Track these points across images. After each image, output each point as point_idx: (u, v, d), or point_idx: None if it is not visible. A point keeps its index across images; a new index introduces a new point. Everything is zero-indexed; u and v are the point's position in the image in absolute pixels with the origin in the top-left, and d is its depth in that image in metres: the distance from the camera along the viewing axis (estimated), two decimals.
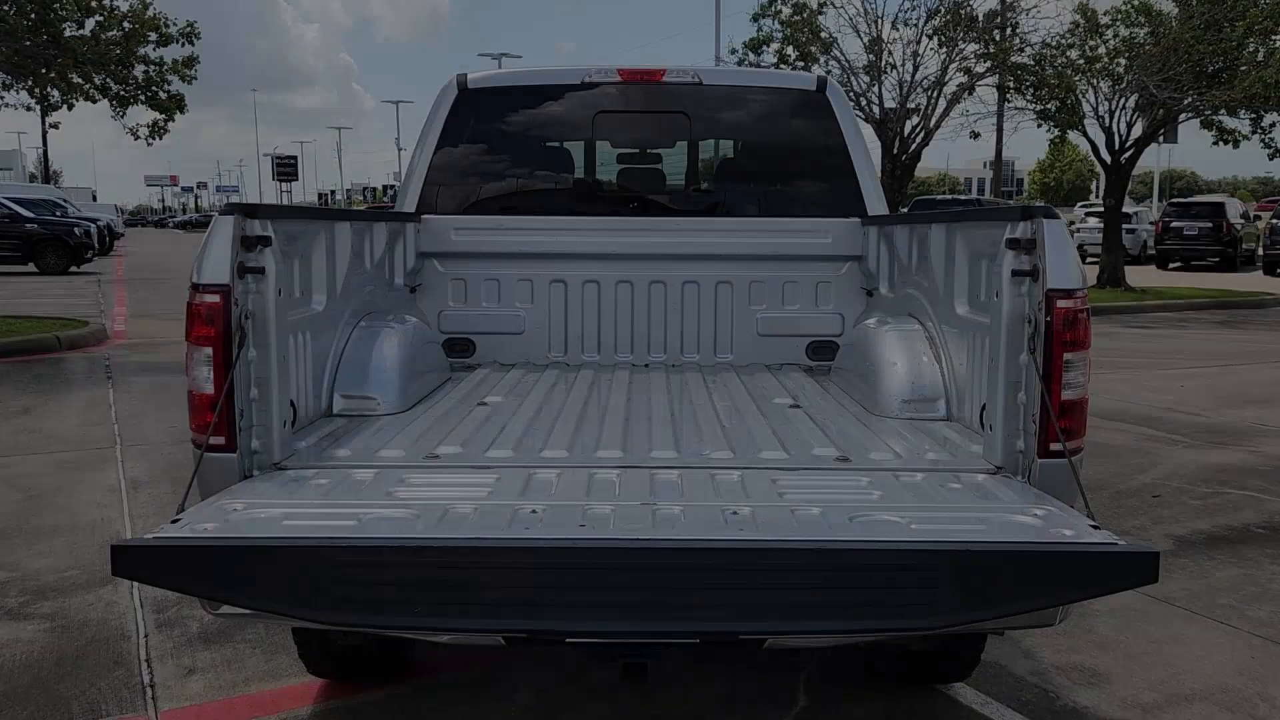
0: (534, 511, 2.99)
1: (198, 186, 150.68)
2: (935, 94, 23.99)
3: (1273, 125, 25.45)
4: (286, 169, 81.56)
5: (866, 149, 6.21)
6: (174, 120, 16.65)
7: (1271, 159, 27.45)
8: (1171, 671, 4.92)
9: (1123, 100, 25.01)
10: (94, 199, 73.10)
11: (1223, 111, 25.58)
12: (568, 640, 2.91)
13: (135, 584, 5.88)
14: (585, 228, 6.05)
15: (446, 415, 4.48)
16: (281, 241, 3.88)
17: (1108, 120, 26.14)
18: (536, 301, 6.12)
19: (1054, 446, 3.36)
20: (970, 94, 24.61)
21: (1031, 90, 24.94)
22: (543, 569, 2.61)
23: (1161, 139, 31.16)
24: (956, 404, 4.38)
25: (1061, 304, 3.34)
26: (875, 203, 6.07)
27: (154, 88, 16.14)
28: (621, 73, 6.04)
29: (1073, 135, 27.76)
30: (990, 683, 4.71)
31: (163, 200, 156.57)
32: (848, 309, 6.10)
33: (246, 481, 3.39)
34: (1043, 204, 3.83)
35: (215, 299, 3.38)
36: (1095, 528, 2.87)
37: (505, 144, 6.23)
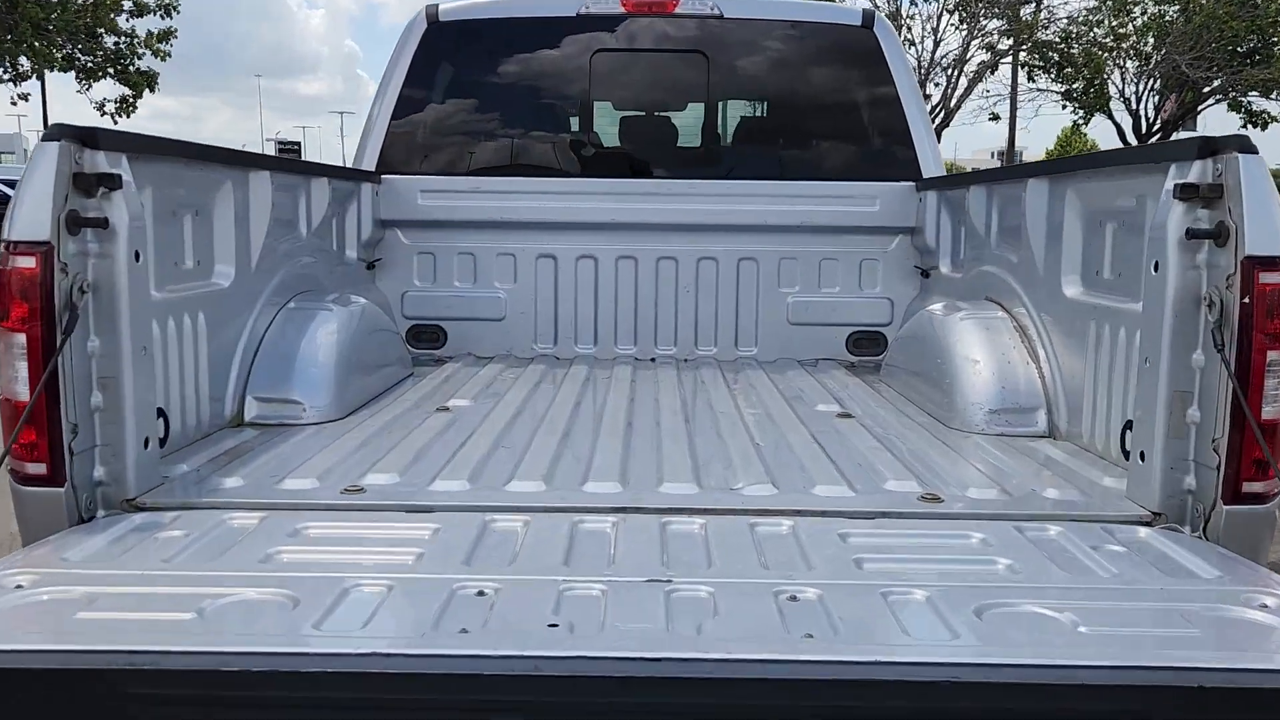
0: (481, 594, 1.94)
1: None
2: (956, 73, 22.86)
3: None
4: (290, 155, 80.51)
5: (921, 99, 5.13)
6: (141, 97, 15.54)
7: None
8: None
9: (1151, 81, 23.88)
10: None
11: (1253, 93, 24.41)
12: None
13: None
14: (580, 191, 4.98)
15: (391, 426, 3.42)
16: (154, 188, 2.82)
17: (1134, 103, 25.00)
18: (520, 281, 5.06)
19: (1251, 487, 2.30)
20: (992, 73, 23.49)
21: (1057, 69, 23.79)
22: (481, 711, 1.57)
23: (1181, 127, 30.03)
24: (1063, 416, 3.32)
25: (1266, 278, 2.28)
26: (932, 163, 4.99)
27: (124, 61, 15.04)
28: (625, 3, 4.95)
29: (1092, 122, 26.59)
30: None
31: None
32: (898, 292, 5.03)
33: (73, 531, 2.34)
34: (1236, 134, 2.87)
35: (30, 263, 2.33)
36: None
37: (484, 89, 5.16)
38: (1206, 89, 24.62)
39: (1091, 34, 23.30)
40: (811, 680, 1.59)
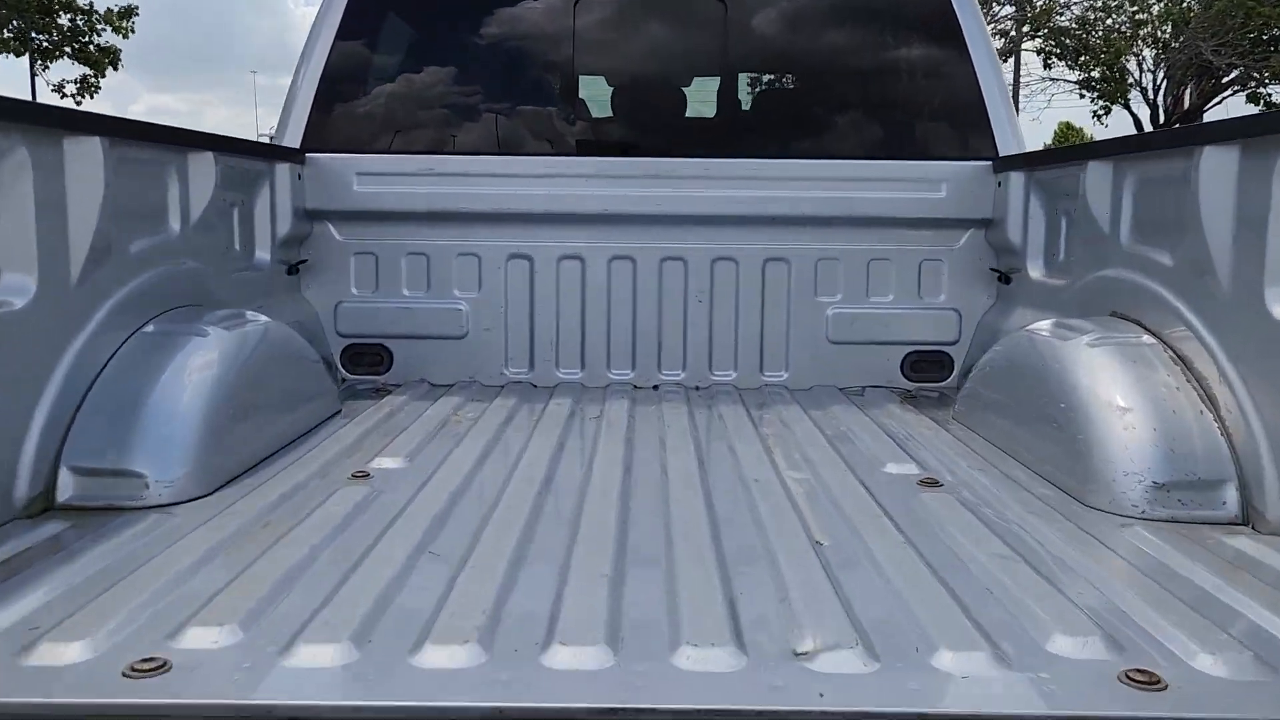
0: None
1: None
2: None
3: None
4: None
5: (996, 58, 4.03)
6: (104, 76, 14.39)
7: None
8: None
9: (1170, 70, 22.83)
10: None
11: (1276, 83, 23.40)
12: None
13: None
14: (562, 174, 3.89)
15: (272, 512, 2.33)
16: None
17: (1152, 93, 23.97)
18: (487, 288, 3.97)
19: None
20: (1006, 61, 22.38)
21: (1074, 56, 22.71)
22: None
23: (1201, 118, 28.97)
24: (1269, 494, 2.23)
25: None
26: (1010, 138, 3.90)
27: (81, 39, 13.89)
28: None
29: (1108, 118, 25.46)
30: None
31: None
32: (968, 303, 3.94)
33: None
34: None
35: None
36: None
37: (437, 45, 4.06)
38: (1226, 79, 23.63)
39: (1111, 19, 22.25)
40: None
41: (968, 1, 3.95)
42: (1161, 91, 24.21)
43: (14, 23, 13.97)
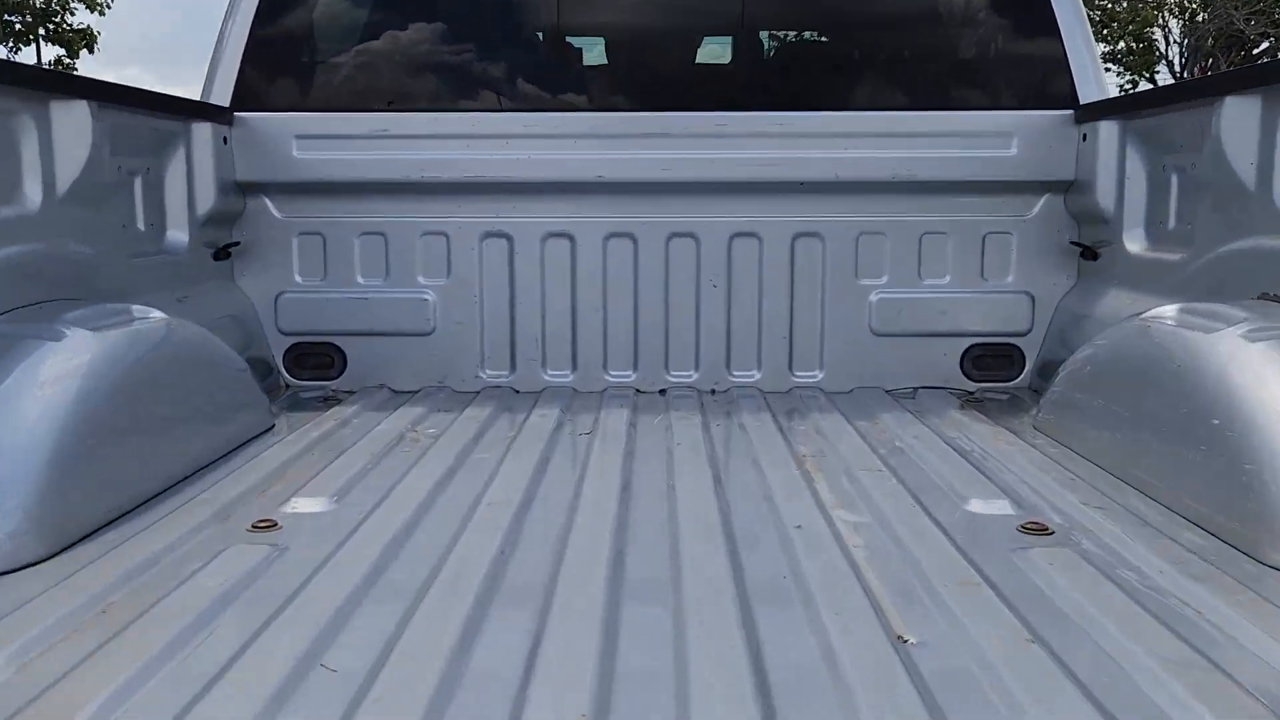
0: None
1: None
2: None
3: None
4: None
5: None
6: (78, 57, 13.72)
7: None
8: None
9: (1197, 42, 21.97)
10: None
11: None
12: None
13: None
14: (548, 133, 3.20)
15: (131, 585, 1.66)
16: None
17: (1179, 66, 23.11)
18: (457, 274, 3.29)
19: None
20: None
21: (1097, 29, 21.85)
22: None
23: None
24: None
25: None
26: (1093, 81, 3.19)
27: (55, 19, 13.22)
28: None
29: (1127, 92, 24.55)
30: None
31: None
32: (1044, 284, 3.25)
33: None
34: None
35: None
36: None
37: None
38: (1257, 50, 22.77)
39: None
40: None
41: None
42: (1189, 64, 23.39)
43: None
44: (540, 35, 3.46)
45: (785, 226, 3.25)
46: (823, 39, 3.71)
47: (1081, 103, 3.15)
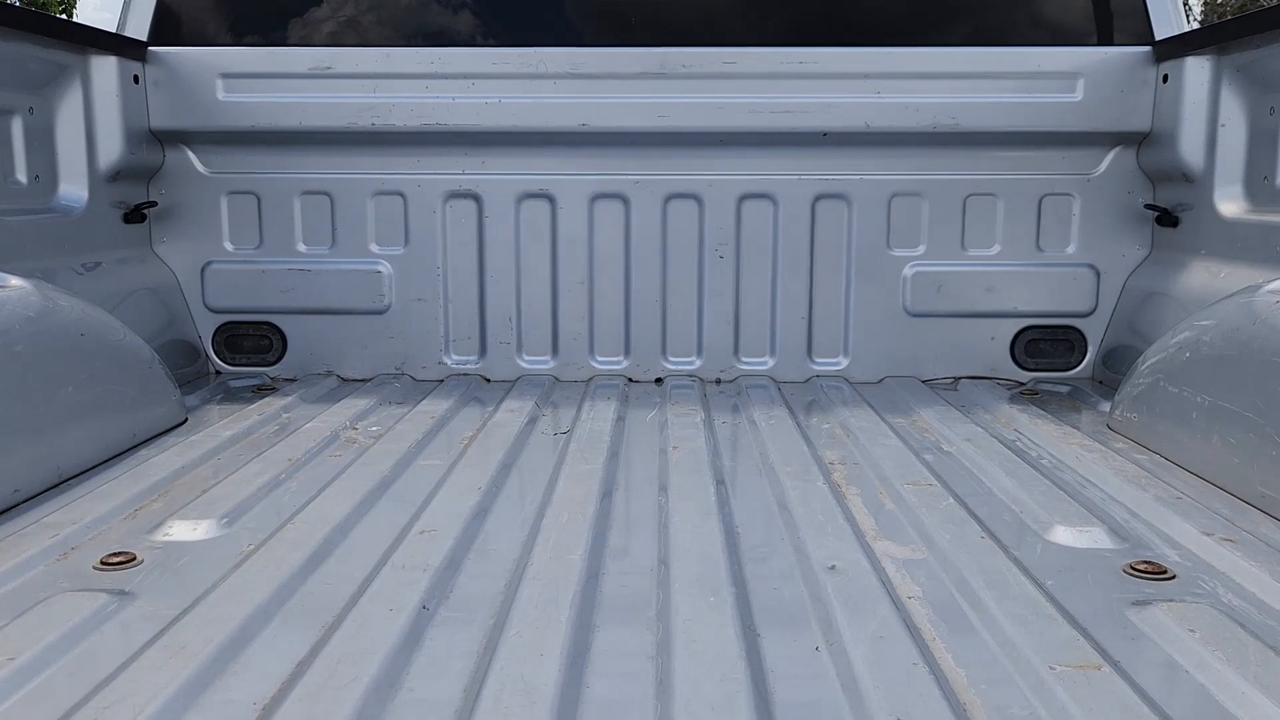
0: None
1: None
2: None
3: None
4: None
5: None
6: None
7: None
8: None
9: (1219, 20, 21.37)
10: None
11: None
12: None
13: None
14: (522, 72, 2.69)
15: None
16: None
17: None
18: (417, 241, 2.79)
19: None
20: None
21: None
22: None
23: None
24: None
25: None
26: (1171, 12, 2.67)
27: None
28: None
29: None
30: None
31: None
32: (1112, 255, 2.75)
33: None
34: None
35: None
36: None
37: None
38: None
39: None
40: None
41: None
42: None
43: None
44: None
45: (805, 186, 2.75)
46: None
47: (1159, 38, 2.64)
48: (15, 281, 1.90)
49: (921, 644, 1.20)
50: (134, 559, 1.48)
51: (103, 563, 1.46)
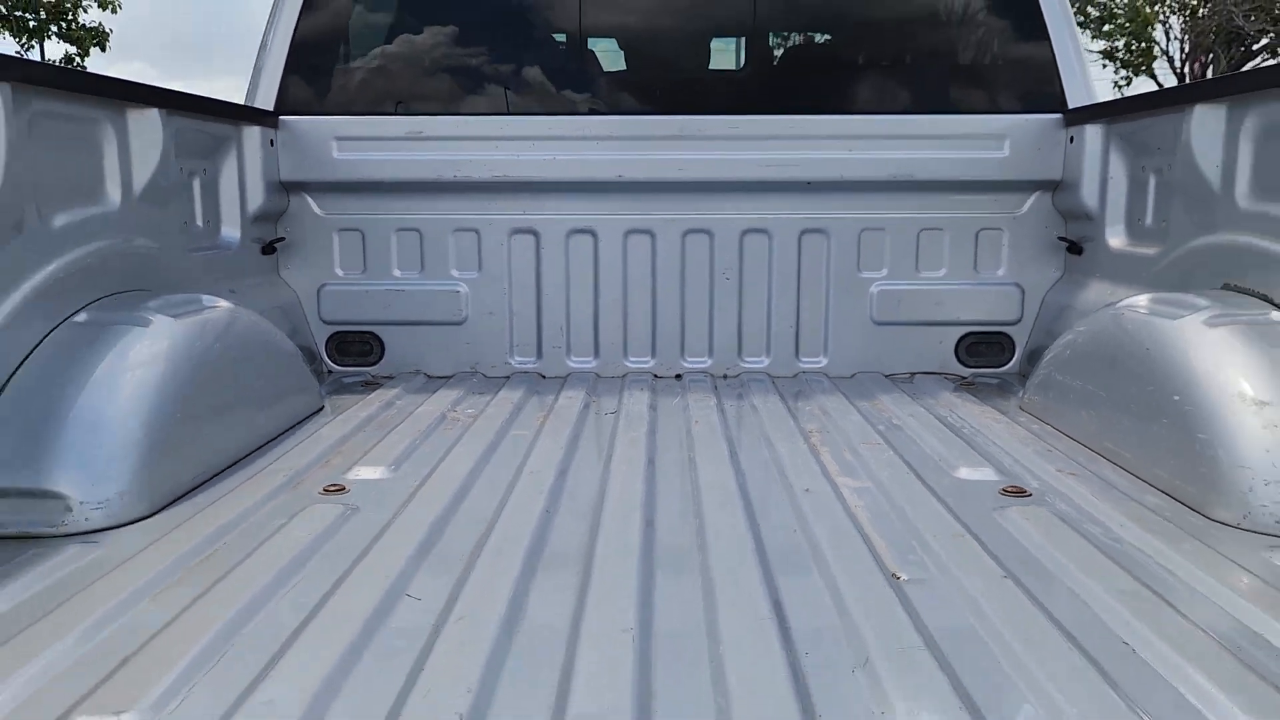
0: None
1: None
2: None
3: None
4: None
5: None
6: (88, 55, 13.93)
7: None
8: None
9: (1197, 39, 22.13)
10: None
11: None
12: None
13: None
14: (570, 135, 3.44)
15: (221, 540, 1.91)
16: None
17: (1179, 63, 23.27)
18: (488, 268, 3.53)
19: None
20: None
21: (1097, 25, 22.02)
22: None
23: None
24: None
25: None
26: (1081, 86, 3.43)
27: (65, 17, 13.43)
28: None
29: (1132, 85, 24.73)
30: None
31: None
32: (1033, 277, 3.49)
33: None
34: None
35: None
36: None
37: None
38: (1257, 45, 22.92)
39: None
40: None
41: None
42: (1189, 60, 23.52)
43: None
44: (563, 43, 3.70)
45: (793, 223, 3.50)
46: (827, 46, 3.94)
47: (1070, 107, 3.39)
48: (222, 303, 2.64)
49: (860, 529, 1.94)
50: (344, 489, 2.22)
51: (324, 490, 2.20)
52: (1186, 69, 23.57)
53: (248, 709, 1.26)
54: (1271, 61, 23.54)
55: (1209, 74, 23.73)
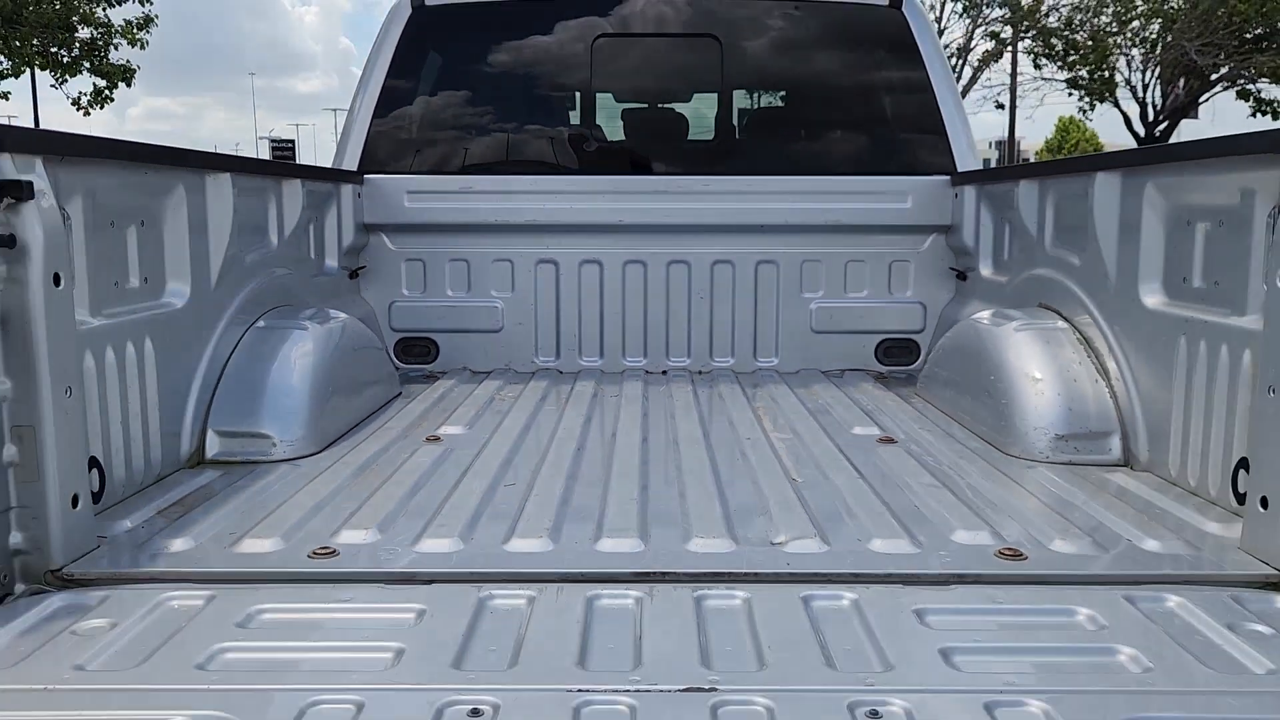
0: (476, 713, 1.52)
1: None
2: (960, 62, 22.44)
3: None
4: (284, 153, 79.70)
5: (955, 85, 4.70)
6: (116, 88, 15.06)
7: None
8: None
9: (1156, 69, 23.45)
10: None
11: (1263, 80, 23.97)
12: None
13: None
14: (582, 190, 4.55)
15: (374, 463, 3.00)
16: (86, 196, 2.40)
17: (1141, 90, 24.57)
18: (518, 289, 4.63)
19: None
20: (997, 61, 23.04)
21: (1062, 57, 23.34)
22: None
23: (1189, 115, 29.23)
24: (1142, 442, 2.90)
25: None
26: (968, 155, 4.56)
27: (99, 54, 14.55)
28: None
29: (1097, 110, 26.07)
30: None
31: None
32: (931, 297, 4.61)
33: None
34: None
35: None
36: None
37: (474, 80, 4.72)
38: (1214, 76, 24.18)
39: (1096, 20, 22.87)
40: None
41: (930, 41, 4.62)
42: (1150, 89, 24.75)
43: (35, 41, 14.61)
44: (577, 124, 4.82)
45: (751, 256, 4.62)
46: (779, 127, 5.09)
47: (957, 172, 4.53)
48: (341, 314, 3.74)
49: (779, 458, 3.04)
50: (440, 440, 3.31)
51: (427, 439, 3.29)
52: (1149, 97, 24.80)
53: (422, 544, 2.31)
54: (1230, 90, 24.88)
55: (1173, 101, 25.01)
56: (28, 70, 15.12)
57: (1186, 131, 24.21)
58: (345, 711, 1.53)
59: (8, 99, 19.36)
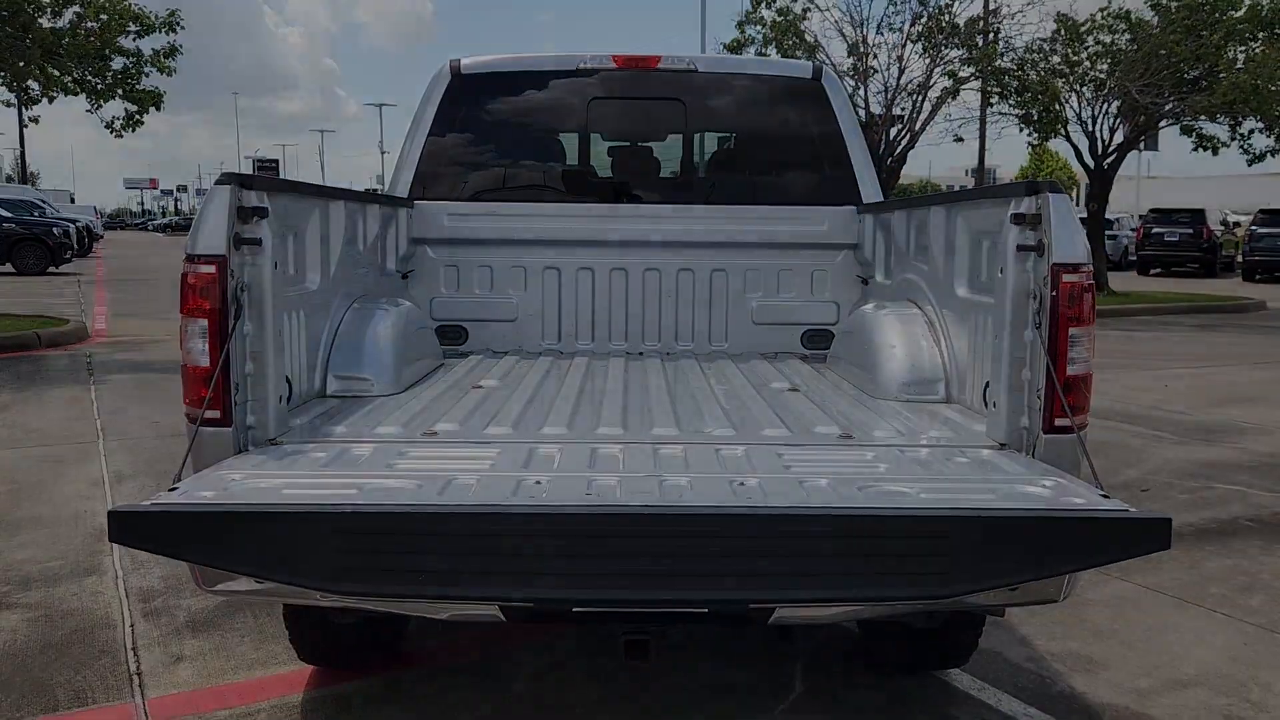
0: (538, 482, 2.95)
1: (178, 190, 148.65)
2: (920, 98, 24.15)
3: (1251, 132, 25.70)
4: (268, 172, 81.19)
5: (862, 138, 6.20)
6: (147, 113, 16.47)
7: (1250, 164, 27.66)
8: (1166, 658, 4.91)
9: (1105, 105, 25.21)
10: (72, 201, 71.86)
11: (1202, 118, 25.77)
12: (574, 610, 2.86)
13: (120, 574, 5.78)
14: (579, 214, 6.01)
15: (441, 397, 4.42)
16: (277, 215, 3.83)
17: (1090, 126, 26.33)
18: (529, 289, 6.07)
19: (1059, 422, 3.35)
20: (954, 98, 24.75)
21: (1015, 95, 25.10)
22: (549, 536, 2.57)
23: (1143, 145, 31.19)
24: (958, 387, 4.36)
25: (1067, 278, 3.33)
26: (870, 191, 6.06)
27: (131, 81, 15.96)
28: (616, 60, 6.01)
29: (1055, 142, 27.95)
30: (986, 668, 4.68)
31: (142, 203, 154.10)
32: (843, 297, 6.08)
33: (242, 455, 3.33)
34: (1049, 180, 4.15)
35: (211, 270, 3.31)
36: (1105, 496, 2.86)
37: (498, 130, 6.19)
38: (1158, 114, 25.91)
39: (1046, 62, 24.64)
40: (750, 516, 2.62)
41: (843, 104, 6.12)
42: (1099, 124, 26.45)
43: (73, 71, 16.02)
44: (576, 164, 6.30)
45: (707, 266, 6.08)
46: (728, 170, 6.58)
47: (862, 202, 6.02)
48: (406, 302, 5.17)
49: (717, 399, 4.49)
50: (482, 387, 4.73)
51: (473, 387, 4.72)
52: (1097, 132, 26.53)
53: (488, 430, 3.74)
54: (1174, 126, 26.66)
55: (1120, 136, 26.75)
56: (61, 95, 16.46)
57: (1131, 166, 26.01)
58: (471, 481, 2.95)
59: (37, 122, 20.72)
